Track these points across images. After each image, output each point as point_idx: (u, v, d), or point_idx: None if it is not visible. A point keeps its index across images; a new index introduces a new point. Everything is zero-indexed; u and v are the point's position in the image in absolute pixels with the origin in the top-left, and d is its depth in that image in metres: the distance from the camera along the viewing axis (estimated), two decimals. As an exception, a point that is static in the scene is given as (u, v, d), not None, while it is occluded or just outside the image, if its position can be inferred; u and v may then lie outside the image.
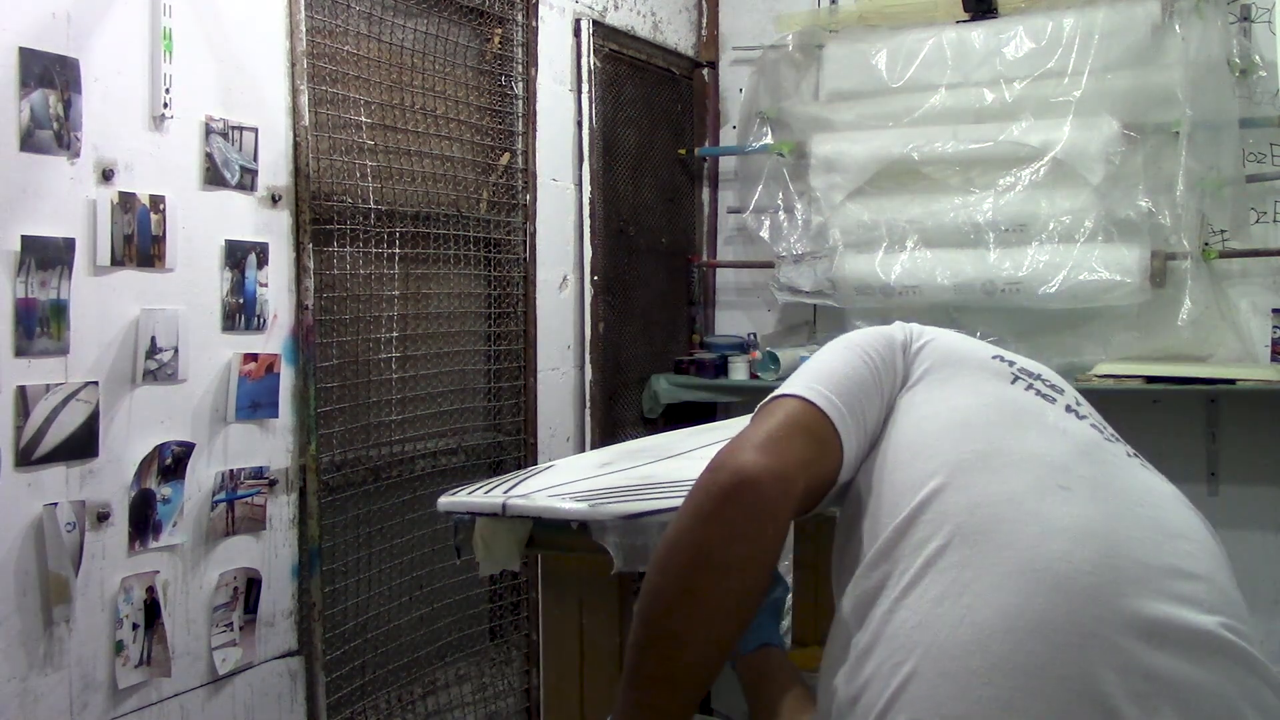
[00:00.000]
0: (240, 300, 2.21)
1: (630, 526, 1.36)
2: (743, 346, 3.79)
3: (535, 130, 3.06)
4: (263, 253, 2.26)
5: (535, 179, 3.06)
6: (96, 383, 1.94)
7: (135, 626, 2.02)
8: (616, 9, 3.51)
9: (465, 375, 2.88)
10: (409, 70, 2.66)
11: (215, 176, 2.16)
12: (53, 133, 1.86)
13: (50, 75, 1.85)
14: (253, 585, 2.25)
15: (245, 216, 2.23)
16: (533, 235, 3.05)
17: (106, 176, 1.95)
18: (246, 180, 2.23)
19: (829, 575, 1.14)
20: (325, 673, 2.39)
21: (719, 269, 4.05)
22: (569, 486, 1.49)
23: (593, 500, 1.39)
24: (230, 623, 2.21)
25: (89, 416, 1.93)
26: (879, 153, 3.50)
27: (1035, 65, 3.35)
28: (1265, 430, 3.27)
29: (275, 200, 2.29)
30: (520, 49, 3.03)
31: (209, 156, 2.15)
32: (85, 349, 1.92)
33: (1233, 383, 3.03)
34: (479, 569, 1.50)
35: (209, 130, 2.14)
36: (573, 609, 1.55)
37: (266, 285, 2.27)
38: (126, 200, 1.98)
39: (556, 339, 3.21)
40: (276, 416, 2.30)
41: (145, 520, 2.03)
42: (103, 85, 1.94)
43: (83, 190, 1.92)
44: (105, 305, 1.96)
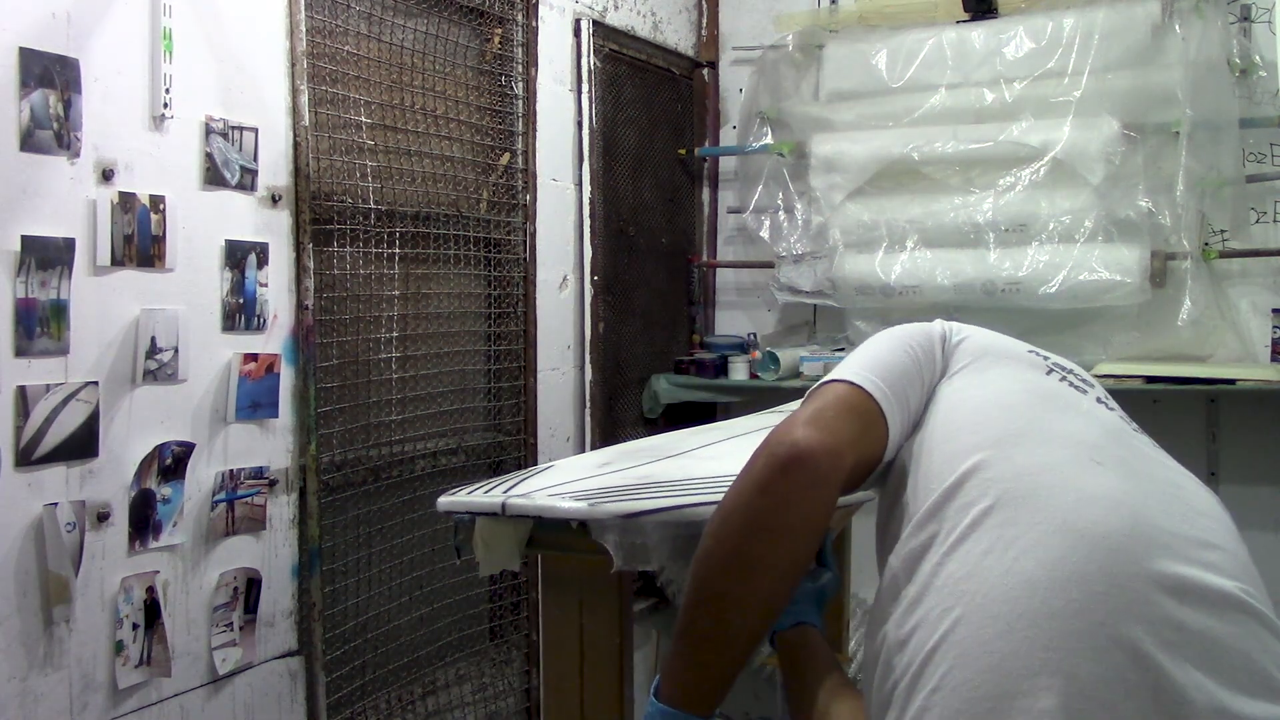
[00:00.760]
0: (240, 300, 2.21)
1: (630, 525, 1.36)
2: (743, 346, 3.79)
3: (535, 130, 3.06)
4: (263, 253, 2.26)
5: (535, 179, 3.06)
6: (96, 383, 1.94)
7: (135, 626, 2.02)
8: (616, 9, 3.51)
9: (465, 375, 2.88)
10: (409, 70, 2.67)
11: (215, 176, 2.16)
12: (53, 133, 1.86)
13: (50, 75, 1.85)
14: (253, 585, 2.26)
15: (245, 216, 2.23)
16: (533, 235, 3.05)
17: (106, 176, 1.95)
18: (246, 180, 2.23)
19: None
20: (325, 673, 2.39)
21: (719, 269, 4.05)
22: (569, 486, 1.49)
23: (592, 499, 1.39)
24: (230, 623, 2.21)
25: (89, 416, 1.93)
26: (879, 153, 3.50)
27: (1035, 65, 3.35)
28: (1265, 430, 3.27)
29: (275, 200, 2.29)
30: (520, 49, 3.03)
31: (209, 156, 2.15)
32: (85, 349, 1.93)
33: (1233, 383, 3.03)
34: (479, 569, 1.50)
35: (209, 130, 2.14)
36: (573, 609, 1.55)
37: (266, 285, 2.27)
38: (126, 200, 1.98)
39: (556, 339, 3.21)
40: (276, 416, 2.30)
41: (145, 520, 2.03)
42: (103, 85, 1.94)
43: (83, 190, 1.92)
44: (105, 305, 1.96)
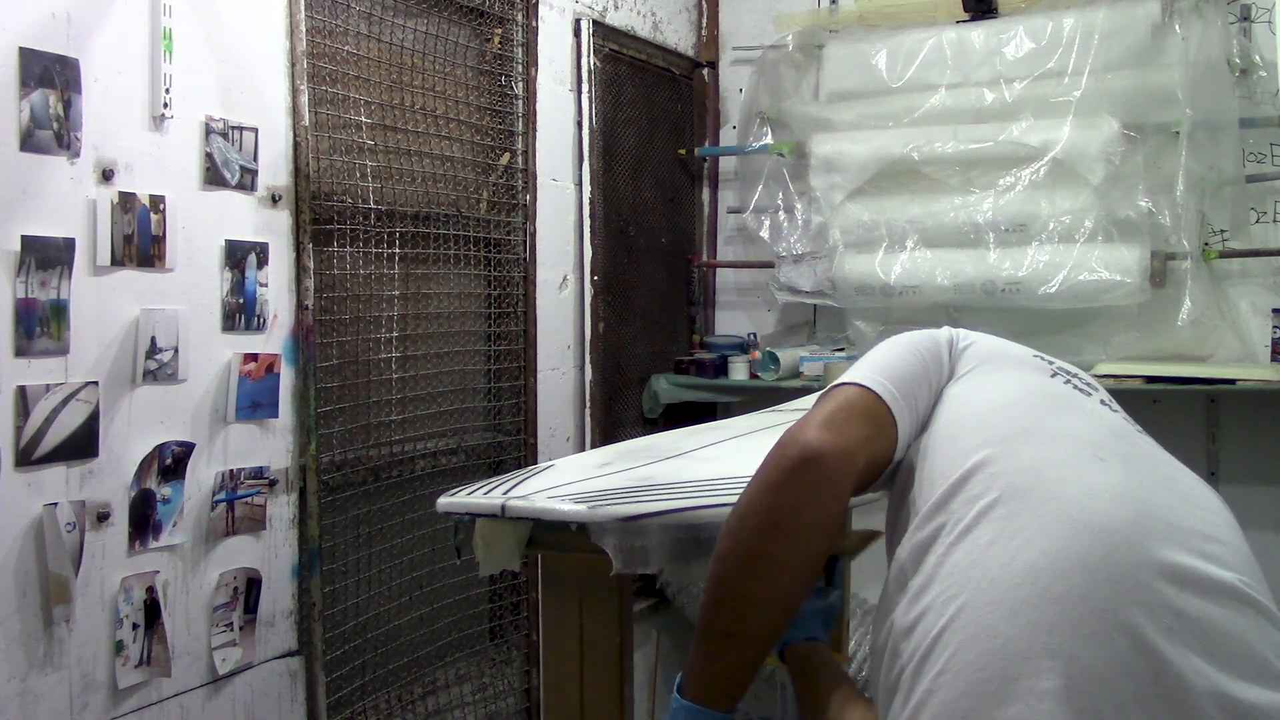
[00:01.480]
0: (240, 300, 2.21)
1: (629, 528, 1.36)
2: (743, 346, 3.79)
3: (535, 130, 3.06)
4: (263, 253, 2.26)
5: (535, 179, 3.06)
6: (96, 383, 1.94)
7: (135, 626, 2.02)
8: (616, 9, 3.51)
9: (465, 375, 2.88)
10: (409, 70, 2.66)
11: (215, 176, 2.16)
12: (53, 133, 1.86)
13: (50, 75, 1.85)
14: (253, 585, 2.26)
15: (245, 216, 2.23)
16: (533, 235, 3.05)
17: (106, 176, 1.95)
18: (246, 180, 2.23)
19: None
20: (325, 673, 2.39)
21: (719, 269, 4.05)
22: (569, 487, 1.49)
23: (592, 502, 1.39)
24: (230, 623, 2.21)
25: (89, 416, 1.93)
26: (879, 153, 3.50)
27: (1035, 65, 3.35)
28: (1265, 430, 3.27)
29: (275, 200, 2.29)
30: (520, 49, 3.03)
31: (209, 156, 2.15)
32: (85, 349, 1.93)
33: (1233, 383, 3.03)
34: (479, 569, 1.50)
35: (209, 130, 2.14)
36: (573, 609, 1.55)
37: (266, 285, 2.27)
38: (126, 200, 1.98)
39: (556, 339, 3.21)
40: (276, 416, 2.30)
41: (145, 520, 2.03)
42: (103, 85, 1.94)
43: (83, 190, 1.92)
44: (105, 305, 1.96)
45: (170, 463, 2.08)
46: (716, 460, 1.73)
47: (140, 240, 2.01)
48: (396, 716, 2.63)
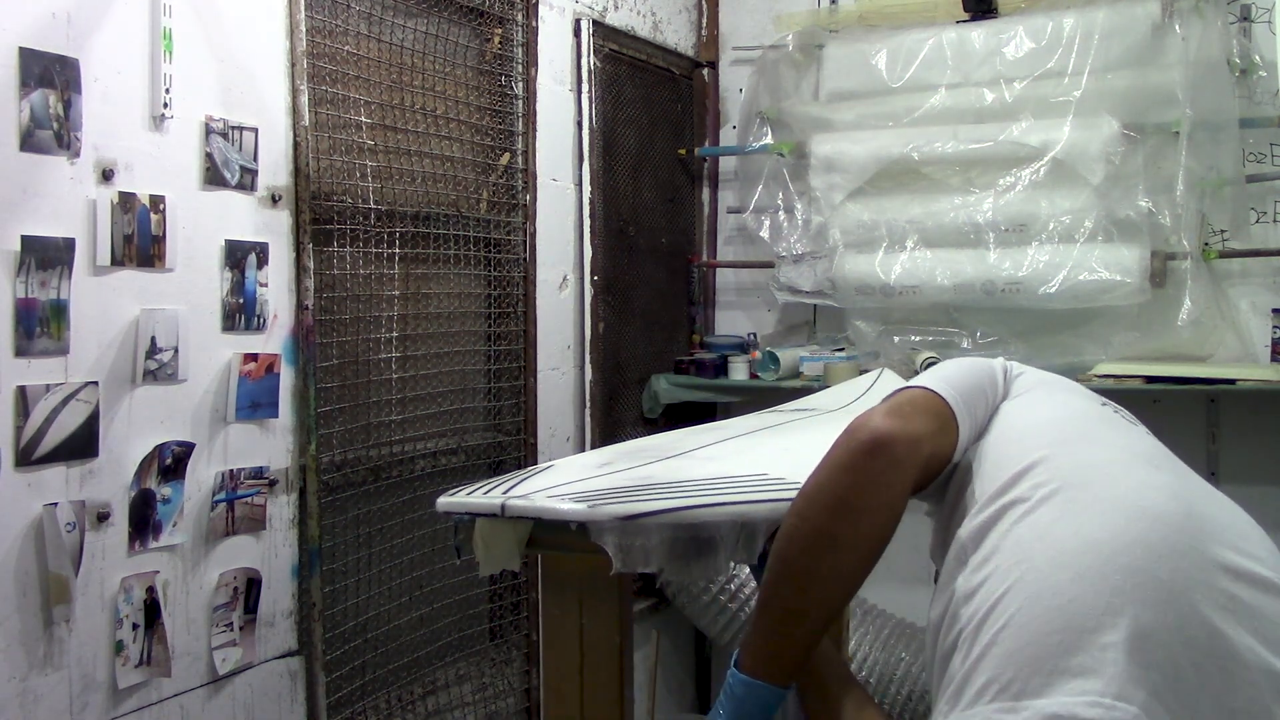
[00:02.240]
0: (240, 300, 2.21)
1: (629, 528, 1.36)
2: (743, 346, 3.79)
3: (535, 130, 3.06)
4: (263, 253, 2.26)
5: (535, 179, 3.06)
6: (96, 383, 1.94)
7: (135, 626, 2.02)
8: (616, 9, 3.51)
9: (465, 375, 2.88)
10: (409, 70, 2.67)
11: (215, 176, 2.16)
12: (53, 133, 1.86)
13: (50, 75, 1.85)
14: (253, 585, 2.26)
15: (245, 216, 2.23)
16: (533, 235, 3.05)
17: (106, 176, 1.95)
18: (246, 180, 2.23)
19: None
20: (325, 673, 2.39)
21: (719, 269, 4.05)
22: (568, 487, 1.49)
23: (592, 501, 1.39)
24: (230, 623, 2.21)
25: (89, 416, 1.93)
26: (879, 153, 3.50)
27: (1035, 65, 3.35)
28: (1265, 430, 3.27)
29: (275, 200, 2.30)
30: (520, 49, 3.03)
31: (209, 156, 2.15)
32: (85, 349, 1.93)
33: (1233, 383, 3.03)
34: (479, 569, 1.50)
35: (209, 130, 2.15)
36: (573, 609, 1.55)
37: (266, 285, 2.27)
38: (126, 200, 1.98)
39: (556, 339, 3.21)
40: (276, 416, 2.30)
41: (145, 520, 2.03)
42: (103, 85, 1.94)
43: (83, 190, 1.92)
44: (105, 305, 1.96)
45: (170, 463, 2.08)
46: (716, 460, 1.73)
47: (140, 240, 2.01)
48: (396, 716, 2.63)
